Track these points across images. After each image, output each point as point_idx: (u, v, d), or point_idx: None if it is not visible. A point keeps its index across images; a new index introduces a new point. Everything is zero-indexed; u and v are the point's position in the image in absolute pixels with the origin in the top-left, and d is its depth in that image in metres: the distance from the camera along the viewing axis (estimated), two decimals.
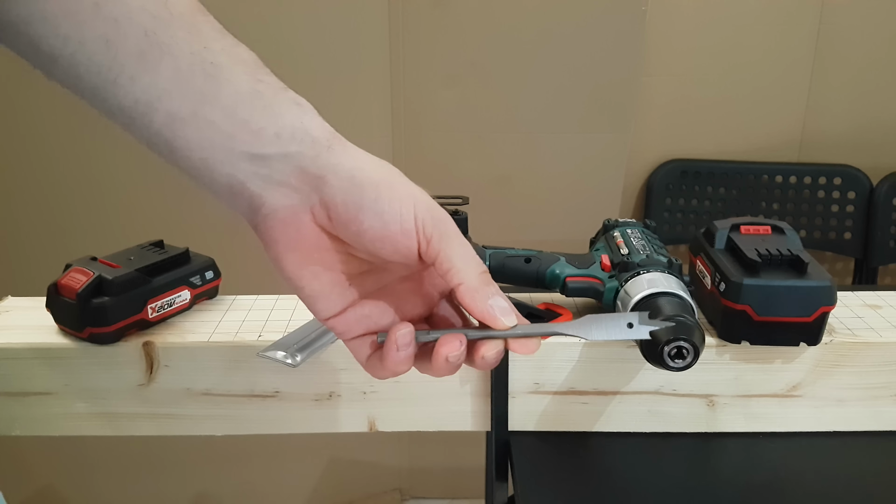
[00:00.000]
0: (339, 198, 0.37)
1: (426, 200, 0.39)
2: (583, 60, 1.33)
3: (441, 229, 0.38)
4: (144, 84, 0.35)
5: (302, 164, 0.37)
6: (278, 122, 0.37)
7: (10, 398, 0.65)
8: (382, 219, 0.37)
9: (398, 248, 0.38)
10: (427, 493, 1.64)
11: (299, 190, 0.38)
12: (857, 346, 0.64)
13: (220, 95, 0.36)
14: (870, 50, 1.44)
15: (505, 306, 0.39)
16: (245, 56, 0.38)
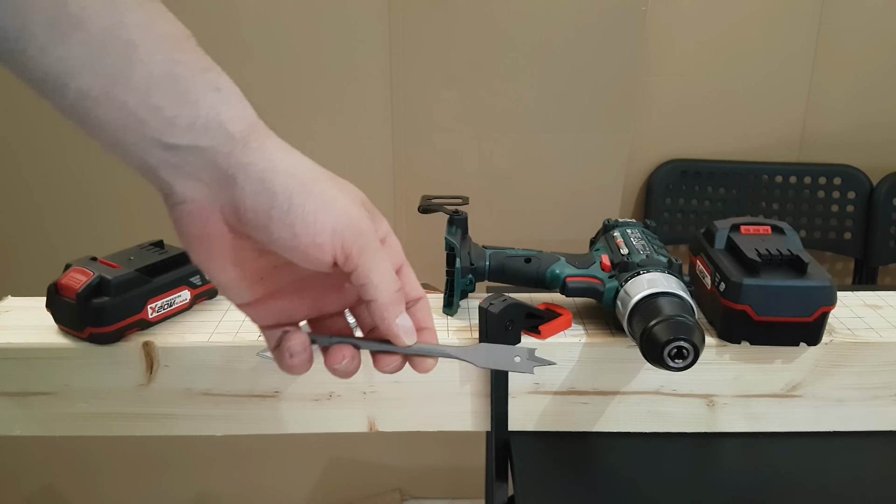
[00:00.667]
0: (248, 202, 0.35)
1: (347, 210, 0.37)
2: (583, 60, 1.33)
3: (361, 244, 0.37)
4: (54, 58, 0.33)
5: (214, 159, 0.35)
6: (192, 111, 0.35)
7: (10, 398, 0.65)
8: (293, 231, 0.35)
9: (309, 259, 0.37)
10: (427, 493, 1.64)
11: (210, 185, 0.36)
12: (857, 346, 0.64)
13: (132, 77, 0.33)
14: (870, 50, 1.44)
15: (409, 326, 0.40)
16: (165, 30, 0.35)
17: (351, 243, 0.37)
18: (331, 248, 0.36)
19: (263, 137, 0.37)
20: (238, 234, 0.37)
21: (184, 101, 0.34)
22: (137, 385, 0.64)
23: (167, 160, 0.35)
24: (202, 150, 0.35)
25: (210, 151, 0.35)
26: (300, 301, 0.41)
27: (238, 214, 0.36)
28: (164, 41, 0.35)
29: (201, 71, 0.35)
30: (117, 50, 0.33)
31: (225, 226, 0.37)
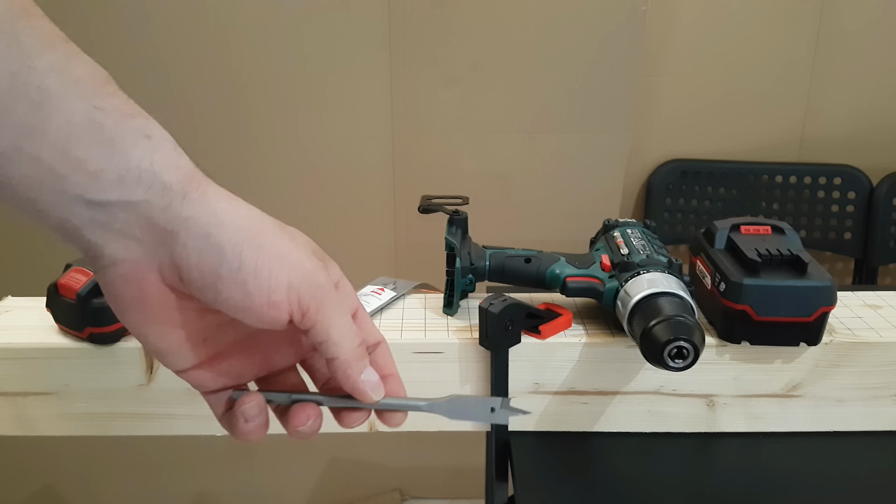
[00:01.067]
0: (192, 259, 0.32)
1: (303, 264, 0.34)
2: (583, 60, 1.33)
3: (319, 298, 0.34)
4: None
5: (149, 214, 0.31)
6: (122, 162, 0.30)
7: (10, 398, 0.65)
8: (245, 289, 0.32)
9: (263, 320, 0.34)
10: (427, 493, 1.64)
11: (144, 243, 0.32)
12: (857, 346, 0.64)
13: (48, 128, 0.29)
14: (870, 50, 1.44)
15: (375, 381, 0.37)
16: (81, 72, 0.31)
17: (308, 298, 0.34)
18: (287, 305, 0.33)
19: (204, 187, 0.33)
20: (178, 294, 0.34)
21: (110, 151, 0.30)
22: (137, 385, 0.64)
23: (93, 218, 0.31)
24: (135, 204, 0.31)
25: (144, 206, 0.31)
26: (248, 360, 0.38)
27: (180, 273, 0.32)
28: (83, 85, 0.31)
29: (127, 117, 0.32)
30: (29, 97, 0.29)
31: (164, 286, 0.33)
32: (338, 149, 1.33)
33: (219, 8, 1.20)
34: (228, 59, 1.25)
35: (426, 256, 0.99)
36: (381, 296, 0.70)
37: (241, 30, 1.23)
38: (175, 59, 1.24)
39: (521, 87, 1.35)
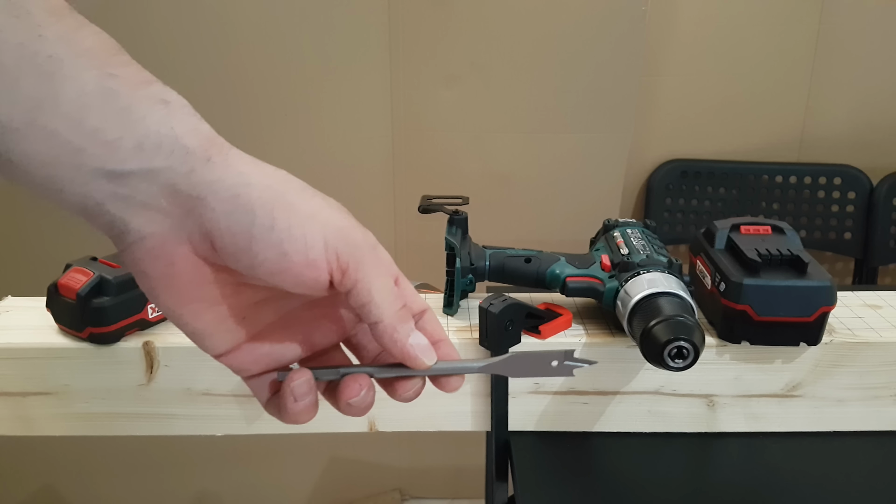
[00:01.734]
0: (222, 224, 0.30)
1: (337, 221, 0.33)
2: (583, 60, 1.33)
3: (357, 256, 0.32)
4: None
5: (172, 182, 0.30)
6: (139, 130, 0.29)
7: (11, 398, 0.65)
8: (281, 249, 0.31)
9: (302, 281, 0.32)
10: (427, 493, 1.64)
11: (170, 214, 0.31)
12: (857, 346, 0.64)
13: (60, 99, 0.28)
14: (870, 50, 1.44)
15: (425, 344, 0.35)
16: (91, 42, 0.30)
17: (347, 256, 0.32)
18: (325, 264, 0.32)
19: (226, 150, 0.32)
20: (212, 266, 0.32)
21: (127, 119, 0.29)
22: (137, 385, 0.64)
23: (115, 192, 0.30)
24: (157, 172, 0.30)
25: (167, 173, 0.30)
26: (289, 339, 0.36)
27: (212, 241, 0.31)
28: (94, 54, 0.29)
29: (142, 84, 0.30)
30: (38, 68, 0.28)
31: (196, 259, 0.32)
32: (338, 148, 1.33)
33: (219, 8, 1.20)
34: (228, 59, 1.25)
35: (426, 256, 0.99)
36: None
37: (240, 29, 1.23)
38: (176, 59, 1.24)
39: (521, 87, 1.35)
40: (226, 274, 0.33)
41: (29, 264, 1.44)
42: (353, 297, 0.33)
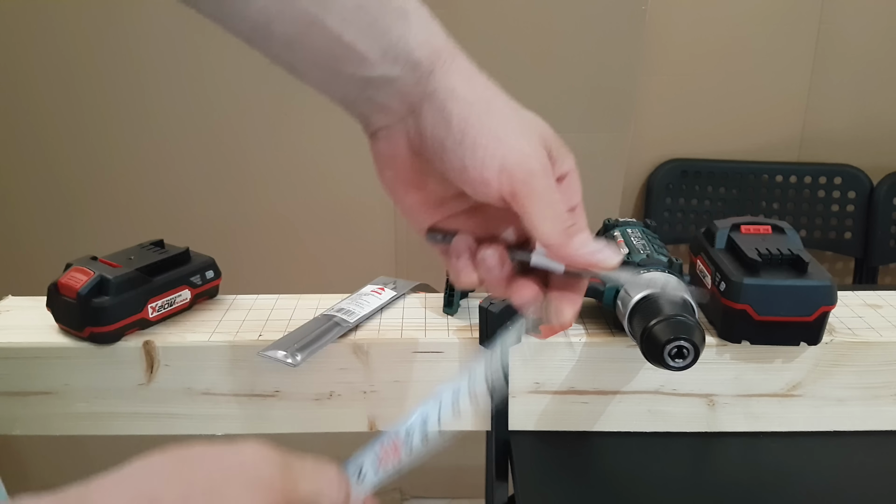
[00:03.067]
0: (428, 130, 0.37)
1: (519, 147, 0.36)
2: (583, 60, 1.33)
3: (530, 184, 0.36)
4: (259, 7, 0.35)
5: (403, 89, 0.37)
6: (382, 42, 0.36)
7: (10, 398, 0.65)
8: (462, 163, 0.36)
9: (478, 193, 0.37)
10: (427, 493, 1.64)
11: (398, 113, 0.38)
12: (857, 345, 0.64)
13: (327, 17, 0.35)
14: (870, 50, 1.44)
15: (599, 247, 0.37)
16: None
17: (519, 183, 0.36)
18: (497, 185, 0.36)
19: (449, 62, 0.37)
20: (422, 158, 0.38)
21: (374, 32, 0.35)
22: (137, 385, 0.64)
23: (363, 93, 0.37)
24: (393, 80, 0.36)
25: (399, 82, 0.36)
26: (476, 227, 0.41)
27: (421, 140, 0.37)
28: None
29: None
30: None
31: (410, 150, 0.38)
32: (338, 148, 1.33)
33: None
34: (228, 59, 1.25)
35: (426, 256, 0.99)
36: (381, 295, 0.70)
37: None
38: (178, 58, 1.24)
39: (521, 87, 1.34)
40: (431, 167, 0.38)
41: (29, 264, 1.44)
42: (522, 217, 0.37)
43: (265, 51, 0.37)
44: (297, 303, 0.71)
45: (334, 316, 0.65)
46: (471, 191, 0.37)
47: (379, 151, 0.39)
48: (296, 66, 0.37)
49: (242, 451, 0.32)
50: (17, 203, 1.43)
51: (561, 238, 0.37)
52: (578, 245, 0.37)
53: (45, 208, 1.43)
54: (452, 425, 0.40)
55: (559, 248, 0.37)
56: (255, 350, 0.62)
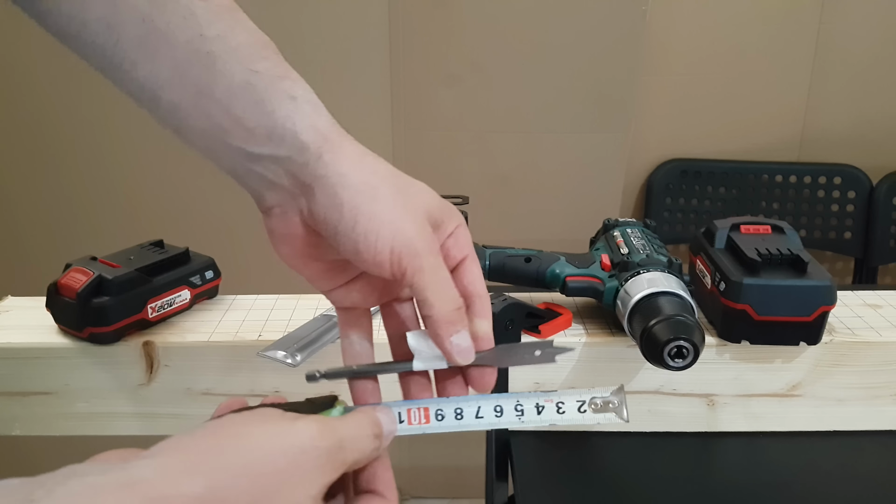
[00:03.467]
0: (320, 214, 0.37)
1: (406, 230, 0.37)
2: (583, 60, 1.33)
3: (416, 265, 0.37)
4: (146, 72, 0.35)
5: (292, 169, 0.37)
6: (269, 121, 0.36)
7: (10, 398, 0.65)
8: (356, 247, 0.37)
9: (372, 271, 0.38)
10: (427, 493, 1.64)
11: (290, 192, 0.38)
12: (857, 345, 0.64)
13: (215, 89, 0.35)
14: (870, 50, 1.44)
15: (465, 346, 0.38)
16: (242, 40, 0.37)
17: (406, 264, 0.37)
18: (388, 265, 0.37)
19: (337, 147, 0.37)
20: (316, 234, 0.39)
21: (261, 111, 0.36)
22: (137, 385, 0.64)
23: (252, 169, 0.37)
24: (281, 160, 0.37)
25: (288, 162, 0.37)
26: (372, 289, 0.42)
27: (314, 221, 0.38)
28: (242, 51, 0.36)
29: (277, 79, 0.37)
30: (200, 62, 0.35)
31: (304, 227, 0.39)
32: None
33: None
34: None
35: None
36: None
37: None
38: None
39: (521, 87, 1.35)
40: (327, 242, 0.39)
41: (29, 264, 1.44)
42: (412, 292, 0.38)
43: (152, 112, 0.37)
44: (297, 303, 0.71)
45: (334, 316, 0.65)
46: (365, 269, 0.38)
47: (274, 229, 0.39)
48: (182, 132, 0.37)
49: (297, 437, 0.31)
50: (17, 203, 1.43)
51: (449, 316, 0.38)
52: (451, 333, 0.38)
53: (45, 208, 1.43)
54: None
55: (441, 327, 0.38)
56: (255, 350, 0.62)
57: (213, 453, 0.29)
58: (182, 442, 0.30)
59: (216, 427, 0.31)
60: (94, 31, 0.35)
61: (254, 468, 0.29)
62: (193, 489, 0.27)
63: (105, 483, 0.26)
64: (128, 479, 0.27)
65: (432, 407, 0.40)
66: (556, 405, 0.39)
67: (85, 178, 1.40)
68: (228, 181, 0.39)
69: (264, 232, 0.41)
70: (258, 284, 0.75)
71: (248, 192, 0.39)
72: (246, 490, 0.29)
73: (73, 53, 0.37)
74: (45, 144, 1.38)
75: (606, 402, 0.40)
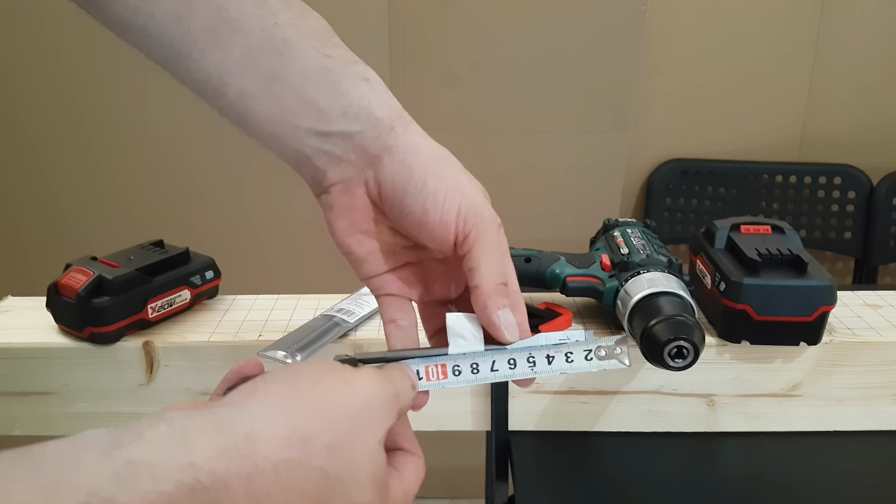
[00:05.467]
0: (389, 178, 0.38)
1: (474, 196, 0.39)
2: (583, 60, 1.33)
3: (480, 228, 0.38)
4: (216, 60, 0.36)
5: (363, 143, 0.38)
6: (344, 101, 0.37)
7: (10, 398, 0.65)
8: (424, 206, 0.38)
9: (434, 237, 0.39)
10: (427, 493, 1.64)
11: (356, 165, 0.39)
12: (857, 345, 0.64)
13: (288, 73, 0.36)
14: (870, 50, 1.44)
15: (512, 321, 0.39)
16: (313, 27, 0.38)
17: (471, 226, 0.38)
18: (454, 227, 0.38)
19: (406, 123, 0.40)
20: (377, 210, 0.40)
21: (336, 92, 0.37)
22: (137, 385, 0.64)
23: (320, 147, 0.38)
24: (353, 135, 0.38)
25: (360, 136, 0.38)
26: (416, 281, 0.43)
27: (380, 189, 0.39)
28: (314, 37, 0.38)
29: (350, 63, 0.38)
30: (275, 48, 0.36)
31: (368, 199, 0.40)
32: None
33: None
34: None
35: None
36: None
37: None
38: None
39: (521, 87, 1.35)
40: (385, 218, 0.41)
41: (29, 264, 1.44)
42: (465, 262, 0.39)
43: (216, 101, 0.37)
44: (297, 303, 0.71)
45: (334, 316, 0.65)
46: (428, 236, 0.39)
47: (334, 203, 0.40)
48: (248, 119, 0.37)
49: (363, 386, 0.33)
50: (17, 203, 1.43)
51: (494, 288, 0.38)
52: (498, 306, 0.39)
53: (45, 208, 1.43)
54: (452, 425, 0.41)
55: (483, 297, 0.38)
56: (255, 350, 0.62)
57: (294, 397, 0.30)
58: (260, 388, 0.31)
59: (292, 375, 0.32)
60: (161, 22, 0.35)
61: (330, 413, 0.31)
62: (279, 430, 0.29)
63: (194, 425, 0.28)
64: (217, 421, 0.28)
65: (449, 363, 0.40)
66: (564, 355, 0.40)
67: (85, 177, 1.40)
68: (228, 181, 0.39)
69: (264, 232, 0.41)
70: (258, 284, 0.75)
71: (310, 172, 0.39)
72: (326, 431, 0.30)
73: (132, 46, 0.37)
74: (46, 145, 1.38)
75: (611, 350, 0.41)
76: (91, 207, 1.42)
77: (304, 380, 0.32)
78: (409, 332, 0.43)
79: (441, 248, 0.39)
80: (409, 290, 0.43)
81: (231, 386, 0.35)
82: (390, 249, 0.42)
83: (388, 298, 0.43)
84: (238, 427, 0.28)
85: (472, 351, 0.40)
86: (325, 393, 0.31)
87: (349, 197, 0.40)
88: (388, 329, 0.43)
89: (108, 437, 0.27)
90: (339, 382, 0.32)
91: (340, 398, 0.32)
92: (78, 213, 1.43)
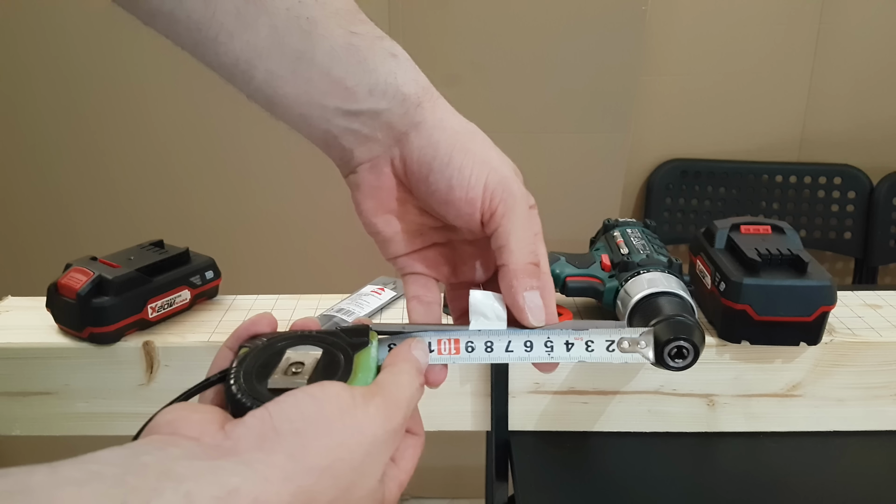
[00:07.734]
0: (415, 154, 0.38)
1: (502, 171, 0.38)
2: (582, 60, 1.33)
3: (509, 203, 0.38)
4: (243, 42, 0.35)
5: (390, 120, 0.38)
6: (371, 78, 0.37)
7: (10, 398, 0.65)
8: (449, 182, 0.37)
9: (461, 214, 0.38)
10: (427, 493, 1.64)
11: (383, 143, 0.38)
12: (857, 345, 0.64)
13: (315, 53, 0.36)
14: (870, 50, 1.44)
15: (538, 304, 0.37)
16: (339, 4, 0.37)
17: (499, 201, 0.37)
18: (480, 203, 0.37)
19: (434, 99, 0.39)
20: (404, 189, 0.40)
21: (363, 69, 0.37)
22: (137, 385, 0.64)
23: (348, 127, 0.37)
24: (380, 112, 0.37)
25: (387, 113, 0.37)
26: (444, 262, 0.43)
27: (406, 166, 0.38)
28: (341, 16, 0.37)
29: (377, 39, 0.37)
30: (301, 28, 0.36)
31: (394, 177, 0.39)
32: None
33: None
34: None
35: None
36: (381, 296, 0.70)
37: None
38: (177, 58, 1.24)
39: (521, 87, 1.35)
40: (413, 198, 0.40)
41: (29, 264, 1.44)
42: (494, 239, 0.38)
43: (244, 86, 0.37)
44: (297, 303, 0.71)
45: (334, 316, 0.65)
46: (454, 213, 0.38)
47: (361, 183, 0.40)
48: (276, 101, 0.37)
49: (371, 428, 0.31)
50: (17, 203, 1.43)
51: (522, 267, 0.37)
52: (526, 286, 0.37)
53: (45, 208, 1.43)
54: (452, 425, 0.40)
55: (515, 278, 0.37)
56: None
57: (299, 456, 0.29)
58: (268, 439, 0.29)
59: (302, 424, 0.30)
60: (189, 7, 0.35)
61: (335, 470, 0.30)
62: (282, 497, 0.28)
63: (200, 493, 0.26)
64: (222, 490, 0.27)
65: (463, 339, 0.38)
66: (585, 343, 0.38)
67: (85, 178, 1.40)
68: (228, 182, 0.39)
69: (264, 232, 0.41)
70: (258, 284, 0.75)
71: (338, 152, 0.39)
72: (329, 488, 0.29)
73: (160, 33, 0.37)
74: (46, 145, 1.38)
75: (635, 342, 0.39)
76: (91, 207, 1.42)
77: (312, 430, 0.30)
78: (432, 309, 0.42)
79: (469, 226, 0.39)
80: (435, 270, 0.43)
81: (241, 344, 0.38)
82: (418, 230, 0.41)
83: (413, 276, 0.43)
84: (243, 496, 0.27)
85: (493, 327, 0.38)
86: (332, 450, 0.30)
87: (376, 176, 0.39)
88: (410, 305, 0.42)
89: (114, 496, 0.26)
90: (348, 432, 0.30)
91: (347, 452, 0.30)
92: (78, 214, 1.43)
